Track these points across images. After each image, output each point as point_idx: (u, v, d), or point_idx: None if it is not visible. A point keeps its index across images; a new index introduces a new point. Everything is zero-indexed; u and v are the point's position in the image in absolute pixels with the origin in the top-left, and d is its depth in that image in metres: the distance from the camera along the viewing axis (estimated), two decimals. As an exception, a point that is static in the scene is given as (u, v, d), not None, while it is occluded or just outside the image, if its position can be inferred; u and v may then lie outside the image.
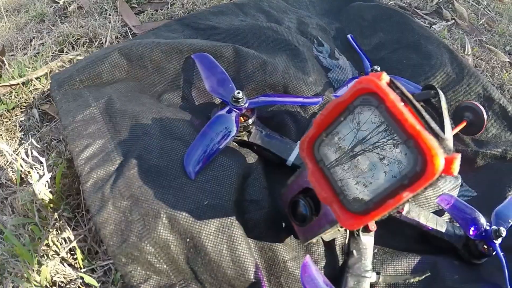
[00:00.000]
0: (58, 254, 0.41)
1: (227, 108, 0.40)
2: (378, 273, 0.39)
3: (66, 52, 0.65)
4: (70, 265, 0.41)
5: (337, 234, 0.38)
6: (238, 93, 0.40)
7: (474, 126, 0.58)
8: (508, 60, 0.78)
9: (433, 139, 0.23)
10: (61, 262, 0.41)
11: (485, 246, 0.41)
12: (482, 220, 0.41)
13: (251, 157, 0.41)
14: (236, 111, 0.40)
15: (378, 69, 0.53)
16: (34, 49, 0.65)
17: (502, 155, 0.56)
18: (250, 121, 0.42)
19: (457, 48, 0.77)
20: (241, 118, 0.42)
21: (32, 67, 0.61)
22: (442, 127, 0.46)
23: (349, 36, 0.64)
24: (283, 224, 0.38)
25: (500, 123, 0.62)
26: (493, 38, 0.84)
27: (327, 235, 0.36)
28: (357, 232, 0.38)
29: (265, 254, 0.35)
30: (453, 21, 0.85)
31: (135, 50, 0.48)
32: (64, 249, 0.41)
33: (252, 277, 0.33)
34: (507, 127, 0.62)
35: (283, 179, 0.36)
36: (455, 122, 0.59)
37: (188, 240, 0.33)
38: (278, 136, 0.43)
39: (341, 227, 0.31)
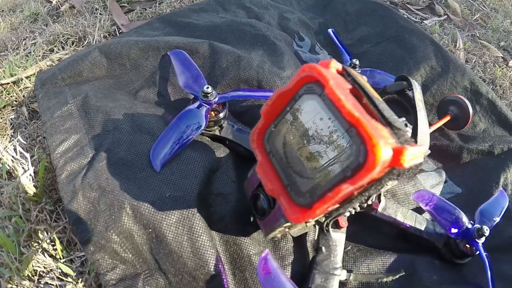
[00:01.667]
0: (39, 245, 0.43)
1: (197, 103, 0.41)
2: (349, 271, 0.38)
3: (56, 51, 0.67)
4: (50, 255, 0.43)
5: (305, 230, 0.37)
6: (207, 88, 0.40)
7: (460, 120, 0.56)
8: (501, 55, 0.76)
9: (378, 127, 0.22)
10: (42, 253, 0.43)
11: (468, 246, 0.40)
12: (464, 218, 0.40)
13: (221, 151, 0.42)
14: (205, 106, 0.41)
15: (357, 62, 0.53)
16: (26, 49, 0.68)
17: (489, 151, 0.54)
18: (221, 115, 0.42)
19: (448, 43, 0.76)
20: (212, 112, 0.42)
21: (23, 67, 0.63)
22: (416, 120, 0.45)
23: (329, 30, 0.64)
24: (251, 218, 0.38)
25: (489, 117, 0.61)
26: (486, 34, 0.82)
27: (295, 230, 0.35)
28: (326, 228, 0.37)
29: (229, 247, 0.36)
30: (445, 16, 0.84)
31: (114, 48, 0.49)
32: (44, 240, 0.43)
33: (212, 269, 0.33)
34: (496, 122, 0.61)
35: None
36: (439, 116, 0.57)
37: (150, 230, 0.34)
38: (250, 130, 0.44)
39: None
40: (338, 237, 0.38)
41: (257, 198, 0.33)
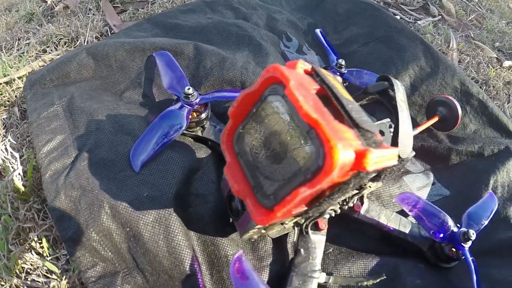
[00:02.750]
0: (27, 243, 0.44)
1: (179, 104, 0.41)
2: (330, 274, 0.37)
3: (49, 52, 0.67)
4: (38, 253, 0.44)
5: (284, 231, 0.37)
6: (189, 89, 0.41)
7: (449, 121, 0.55)
8: (495, 56, 0.76)
9: (340, 129, 0.21)
10: (29, 250, 0.44)
11: (454, 250, 0.39)
12: (450, 222, 0.39)
13: (203, 152, 0.42)
14: (187, 107, 0.41)
15: (343, 62, 0.52)
16: (19, 49, 0.69)
17: (479, 152, 0.53)
18: (203, 116, 0.43)
19: (441, 44, 0.75)
20: (194, 113, 0.43)
21: (16, 67, 0.64)
22: (397, 121, 0.44)
23: (317, 30, 0.64)
24: (230, 219, 0.38)
25: (480, 118, 0.60)
26: (481, 34, 0.81)
27: (273, 232, 0.35)
28: (306, 230, 0.37)
29: (207, 248, 0.36)
30: (439, 17, 0.83)
31: (101, 50, 0.50)
32: (32, 238, 0.44)
33: (187, 269, 0.34)
34: (487, 123, 0.60)
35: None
36: (428, 117, 0.57)
37: (128, 229, 0.34)
38: (233, 131, 0.44)
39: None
40: (318, 239, 0.37)
41: (232, 199, 0.33)
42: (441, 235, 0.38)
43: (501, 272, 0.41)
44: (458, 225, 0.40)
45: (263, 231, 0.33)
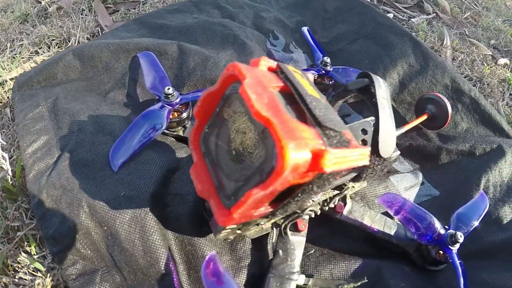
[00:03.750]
0: (15, 241, 0.45)
1: (159, 104, 0.42)
2: (310, 276, 0.37)
3: (42, 53, 0.68)
4: (25, 251, 0.45)
5: (262, 232, 0.36)
6: (168, 89, 0.41)
7: (438, 119, 0.54)
8: (490, 53, 0.74)
9: (296, 128, 0.20)
10: (17, 249, 0.45)
11: (441, 252, 0.37)
12: (437, 224, 0.37)
13: (184, 152, 0.42)
14: (167, 107, 0.41)
15: (328, 60, 0.52)
16: (13, 51, 0.70)
17: (470, 151, 0.52)
18: (184, 115, 0.43)
19: (434, 41, 0.74)
20: (175, 113, 0.43)
21: (8, 68, 0.65)
22: (377, 119, 0.43)
23: (303, 28, 0.63)
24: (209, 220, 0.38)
25: (472, 116, 0.58)
26: (476, 32, 0.80)
27: (251, 233, 0.34)
28: (284, 231, 0.36)
29: (184, 247, 0.36)
30: (434, 14, 0.82)
31: (87, 51, 0.50)
32: (19, 237, 0.45)
33: (162, 268, 0.34)
34: (479, 121, 0.58)
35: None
36: (417, 116, 0.56)
37: (105, 228, 0.35)
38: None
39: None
40: (297, 240, 0.37)
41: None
42: (428, 238, 0.37)
43: (491, 276, 0.39)
44: (446, 226, 0.38)
45: (238, 231, 0.33)
